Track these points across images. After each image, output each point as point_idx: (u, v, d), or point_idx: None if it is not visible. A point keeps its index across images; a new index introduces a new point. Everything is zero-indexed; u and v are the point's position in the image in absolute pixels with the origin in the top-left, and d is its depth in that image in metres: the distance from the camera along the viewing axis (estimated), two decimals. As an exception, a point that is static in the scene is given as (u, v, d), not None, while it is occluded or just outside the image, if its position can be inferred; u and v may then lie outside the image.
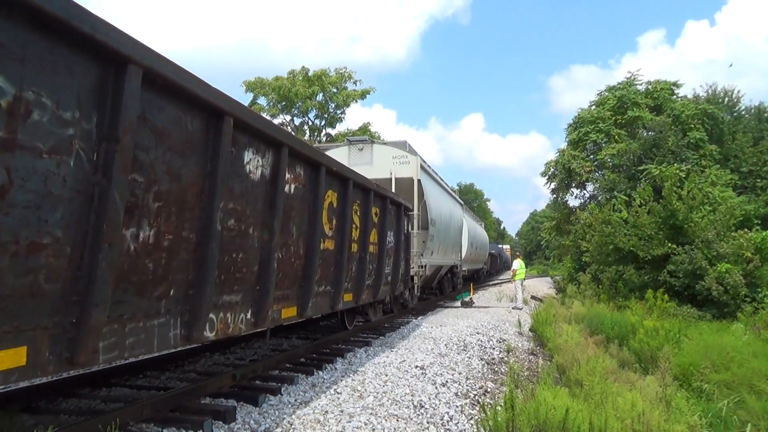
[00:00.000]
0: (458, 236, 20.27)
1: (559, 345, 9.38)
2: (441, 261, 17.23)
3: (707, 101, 31.97)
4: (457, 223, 20.06)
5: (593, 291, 21.28)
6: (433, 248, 15.34)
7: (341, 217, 7.17)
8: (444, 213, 16.96)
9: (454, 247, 19.42)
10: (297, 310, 6.13)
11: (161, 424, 4.52)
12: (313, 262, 6.25)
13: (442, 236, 16.33)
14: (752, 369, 8.43)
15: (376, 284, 9.08)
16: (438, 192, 17.06)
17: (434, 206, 15.31)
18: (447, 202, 18.46)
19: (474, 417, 5.70)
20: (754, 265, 16.97)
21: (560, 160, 32.23)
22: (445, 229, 16.96)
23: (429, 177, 15.97)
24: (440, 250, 16.64)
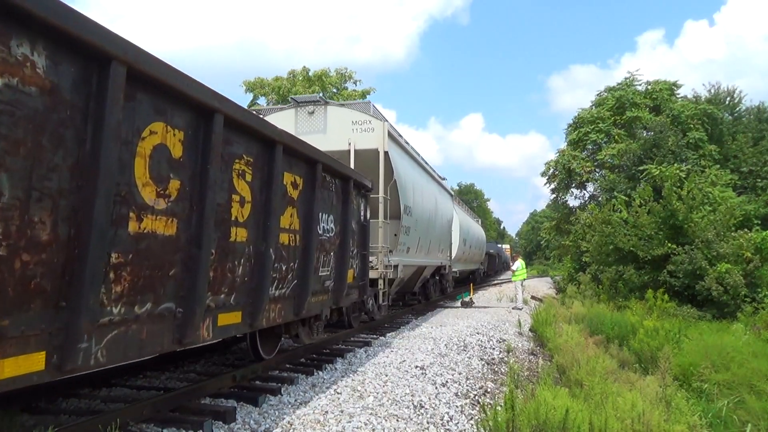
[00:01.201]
0: (446, 231, 17.40)
1: (559, 345, 9.38)
2: (422, 260, 14.34)
3: (709, 101, 32.01)
4: (446, 215, 17.16)
5: (593, 291, 21.29)
6: (409, 244, 12.59)
7: (193, 176, 4.07)
8: (426, 200, 14.06)
9: (440, 244, 16.60)
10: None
11: (161, 424, 4.51)
12: (91, 256, 3.03)
13: (422, 229, 13.66)
14: (752, 369, 8.45)
15: (299, 293, 6.09)
16: (416, 172, 13.67)
17: (410, 189, 12.20)
18: (430, 188, 15.14)
19: (474, 417, 5.70)
20: (754, 265, 16.99)
21: (560, 160, 32.27)
22: (428, 221, 14.22)
23: (402, 151, 12.37)
24: (421, 247, 13.88)
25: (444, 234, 17.02)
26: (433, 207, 14.99)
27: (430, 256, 15.29)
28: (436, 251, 15.91)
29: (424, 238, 13.93)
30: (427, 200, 14.32)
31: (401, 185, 11.64)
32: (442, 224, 16.46)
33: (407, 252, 12.53)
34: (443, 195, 17.51)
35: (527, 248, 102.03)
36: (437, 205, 15.72)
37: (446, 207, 17.49)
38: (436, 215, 15.34)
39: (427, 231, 14.26)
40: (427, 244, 14.46)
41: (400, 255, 11.87)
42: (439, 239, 16.21)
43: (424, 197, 13.96)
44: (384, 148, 10.56)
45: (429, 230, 14.43)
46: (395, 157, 11.31)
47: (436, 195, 15.67)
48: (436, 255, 16.11)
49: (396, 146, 11.81)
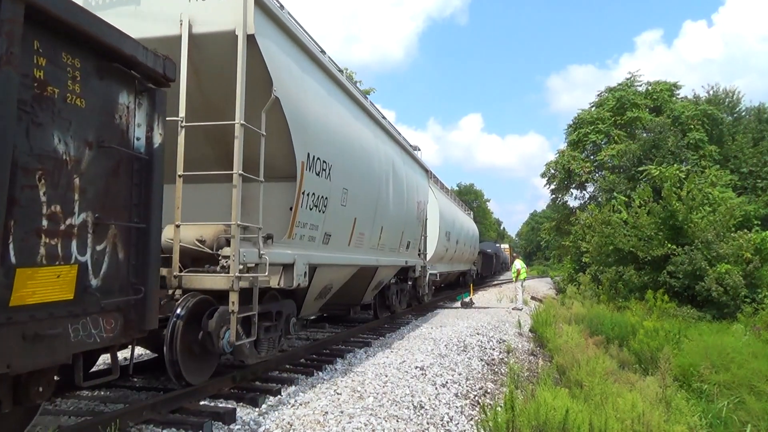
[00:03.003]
0: (414, 218, 12.05)
1: (559, 346, 9.38)
2: (365, 258, 8.87)
3: (708, 102, 32.05)
4: (414, 195, 11.87)
5: (593, 291, 21.30)
6: (329, 228, 7.24)
7: None
8: (370, 160, 8.60)
9: (405, 235, 11.42)
10: None
11: (161, 425, 4.51)
12: None
13: (363, 206, 8.35)
14: (752, 370, 8.45)
15: None
16: (336, 100, 7.49)
17: (321, 125, 6.74)
18: (379, 144, 9.23)
19: (474, 418, 5.70)
20: (754, 265, 17.00)
21: (560, 160, 32.30)
22: (375, 195, 8.92)
23: (295, 46, 6.40)
24: (361, 236, 8.55)
25: (411, 222, 11.73)
26: (387, 176, 9.39)
27: (384, 253, 9.99)
28: (395, 245, 10.72)
29: (366, 222, 8.52)
30: (373, 160, 8.65)
31: (295, 112, 5.99)
32: (407, 207, 11.27)
33: (325, 242, 7.14)
34: (410, 166, 11.80)
35: (527, 249, 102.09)
36: (396, 177, 10.07)
37: (416, 184, 12.15)
38: (392, 190, 9.86)
39: (373, 211, 8.81)
40: (377, 233, 9.18)
41: (303, 247, 6.49)
42: (402, 228, 10.92)
43: (365, 153, 8.25)
44: (247, 28, 5.35)
45: (379, 211, 9.08)
46: (275, 54, 5.79)
47: (393, 159, 9.97)
48: (396, 251, 10.95)
49: (278, 31, 5.98)
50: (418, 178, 12.71)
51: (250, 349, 5.90)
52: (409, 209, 11.67)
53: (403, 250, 11.60)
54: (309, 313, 8.09)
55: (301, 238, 6.51)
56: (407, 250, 12.05)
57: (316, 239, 6.90)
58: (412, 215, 12.02)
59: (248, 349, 5.84)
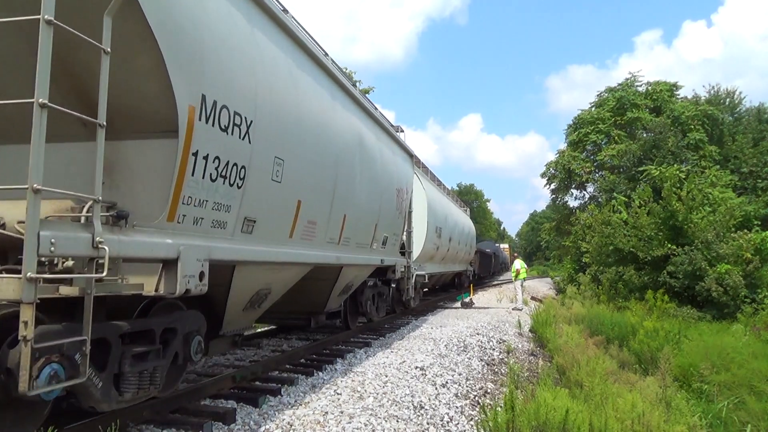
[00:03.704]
0: (393, 207, 9.88)
1: (559, 346, 9.38)
2: (319, 255, 6.78)
3: (709, 102, 32.07)
4: (394, 179, 9.90)
5: (593, 292, 21.30)
6: (250, 209, 5.02)
7: None
8: (324, 121, 6.54)
9: (383, 227, 9.42)
10: None
11: (161, 425, 4.51)
12: None
13: (315, 183, 6.35)
14: (752, 370, 8.45)
15: None
16: (266, 34, 5.14)
17: (237, 58, 4.55)
18: (340, 105, 7.16)
19: (474, 418, 5.70)
20: (754, 266, 17.00)
21: (560, 161, 32.33)
22: (334, 169, 6.84)
23: None
24: (311, 224, 6.44)
25: (388, 213, 9.56)
26: (351, 152, 7.38)
27: (351, 249, 7.91)
28: (366, 240, 8.66)
29: (319, 208, 6.49)
30: (330, 128, 6.64)
31: (172, 26, 3.76)
32: (384, 195, 9.18)
33: (245, 230, 5.03)
34: (388, 146, 9.64)
35: (527, 249, 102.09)
36: (367, 155, 8.11)
37: (396, 169, 10.01)
38: (361, 171, 7.83)
39: (330, 194, 6.75)
40: (337, 223, 7.13)
41: (199, 236, 4.36)
42: (375, 219, 8.87)
43: (315, 116, 6.22)
44: None
45: (340, 195, 7.02)
46: None
47: (361, 132, 7.87)
48: (369, 248, 8.86)
49: None
50: (399, 161, 10.43)
51: (104, 391, 3.71)
52: (387, 197, 9.39)
53: (378, 247, 9.32)
54: (237, 327, 5.78)
55: (195, 222, 4.19)
56: (384, 247, 9.68)
57: (227, 225, 4.55)
58: (391, 205, 9.69)
59: (100, 390, 3.67)
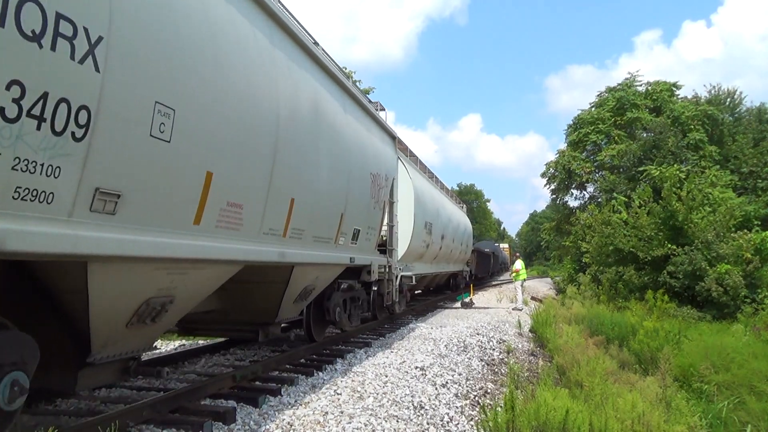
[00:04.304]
0: (366, 195, 8.37)
1: (559, 346, 9.38)
2: (250, 250, 5.06)
3: (709, 102, 32.06)
4: (369, 161, 8.47)
5: (593, 292, 21.30)
6: (108, 176, 3.28)
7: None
8: (251, 65, 4.81)
9: (352, 218, 7.78)
10: None
11: (161, 425, 4.51)
12: None
13: (236, 150, 4.56)
14: (752, 370, 8.45)
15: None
16: None
17: None
18: (281, 53, 5.50)
19: (474, 418, 5.70)
20: (754, 266, 16.99)
21: (560, 161, 32.32)
22: (273, 135, 5.20)
23: None
24: (233, 207, 4.65)
25: (359, 201, 7.99)
26: (300, 117, 5.86)
27: (306, 244, 6.36)
28: (329, 233, 7.07)
29: (245, 185, 4.83)
30: (263, 78, 5.06)
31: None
32: (353, 179, 7.64)
33: (104, 208, 3.30)
34: (360, 120, 8.19)
35: (527, 249, 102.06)
36: (327, 126, 6.65)
37: (372, 149, 8.62)
38: (318, 145, 6.38)
39: (266, 170, 5.20)
40: (281, 209, 5.60)
41: None
42: (341, 208, 7.29)
43: (237, 56, 4.59)
44: None
45: (284, 172, 5.51)
46: None
47: (318, 95, 6.41)
48: (333, 243, 7.28)
49: None
50: (375, 142, 8.82)
51: None
52: (358, 183, 7.76)
53: (346, 242, 7.67)
54: (123, 350, 4.20)
55: None
56: (355, 243, 8.03)
57: (54, 198, 2.95)
58: (363, 192, 8.06)
59: None
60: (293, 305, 7.00)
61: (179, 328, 6.51)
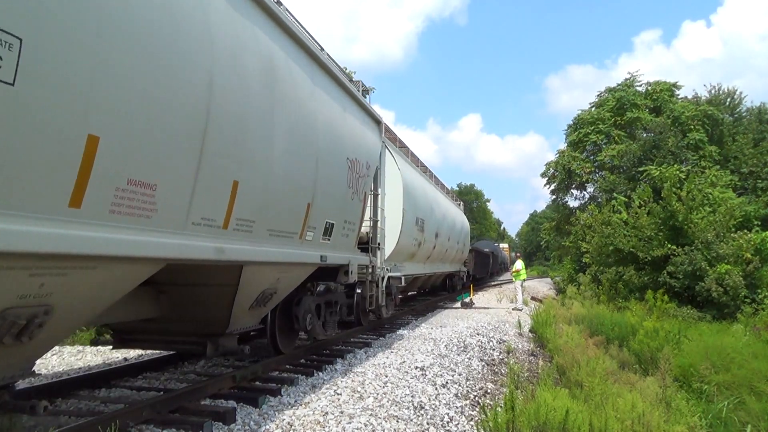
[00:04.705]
0: (343, 183, 7.25)
1: (559, 346, 9.38)
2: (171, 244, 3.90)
3: (709, 102, 32.05)
4: (345, 143, 7.29)
5: (593, 292, 21.30)
6: None
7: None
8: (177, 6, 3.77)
9: (322, 209, 6.51)
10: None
11: (161, 425, 4.51)
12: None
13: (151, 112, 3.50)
14: (752, 370, 8.45)
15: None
16: None
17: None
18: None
19: (474, 418, 5.70)
20: (754, 266, 16.99)
21: (560, 161, 32.31)
22: (205, 98, 4.03)
23: None
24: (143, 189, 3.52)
25: (332, 189, 6.88)
26: (255, 74, 4.83)
27: (260, 239, 5.19)
28: (291, 227, 5.93)
29: (160, 161, 3.68)
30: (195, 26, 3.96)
31: None
32: (324, 163, 6.48)
33: None
34: (334, 96, 7.04)
35: (527, 249, 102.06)
36: (287, 99, 5.53)
37: (348, 131, 7.46)
38: (274, 120, 5.22)
39: (197, 141, 4.01)
40: (221, 194, 4.43)
41: None
42: (307, 197, 6.14)
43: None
44: None
45: (220, 148, 4.29)
46: None
47: (271, 52, 5.22)
48: (297, 238, 6.10)
49: None
50: (355, 124, 7.69)
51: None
52: (330, 169, 6.58)
53: (315, 238, 6.44)
54: None
55: None
56: (327, 239, 6.84)
57: None
58: (337, 180, 6.94)
59: None
60: (249, 312, 5.84)
61: (115, 340, 5.71)
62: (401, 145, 14.37)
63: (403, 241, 12.20)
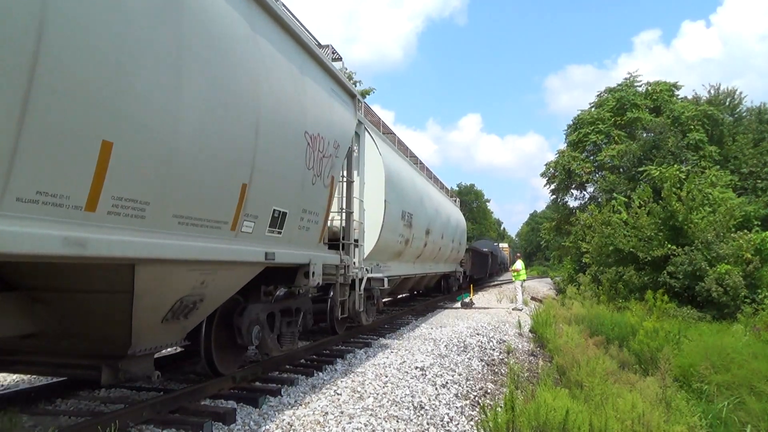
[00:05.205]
0: (301, 161, 5.85)
1: (559, 346, 9.38)
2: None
3: (709, 102, 32.06)
4: (308, 117, 5.91)
5: (593, 292, 21.30)
6: None
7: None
8: None
9: (267, 191, 5.16)
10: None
11: (161, 425, 4.52)
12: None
13: None
14: (752, 370, 8.45)
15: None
16: None
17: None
18: None
19: (474, 418, 5.70)
20: (754, 266, 17.00)
21: (560, 161, 32.33)
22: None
23: None
24: None
25: (284, 165, 5.53)
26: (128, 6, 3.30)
27: (148, 227, 3.67)
28: (218, 211, 4.47)
29: None
30: None
31: None
32: (255, 122, 4.82)
33: None
34: (276, 43, 5.35)
35: (527, 249, 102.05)
36: (196, 21, 3.98)
37: (302, 94, 5.87)
38: (176, 46, 3.75)
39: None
40: (69, 152, 3.02)
41: None
42: (243, 171, 4.71)
43: None
44: None
45: (61, 71, 2.86)
46: None
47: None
48: (229, 228, 4.68)
49: None
50: (316, 91, 6.30)
51: None
52: (277, 140, 5.24)
53: (257, 230, 5.17)
54: None
55: None
56: (277, 231, 5.57)
57: None
58: (290, 158, 5.61)
59: None
60: (164, 327, 4.48)
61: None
62: (387, 131, 12.85)
63: (385, 238, 10.59)
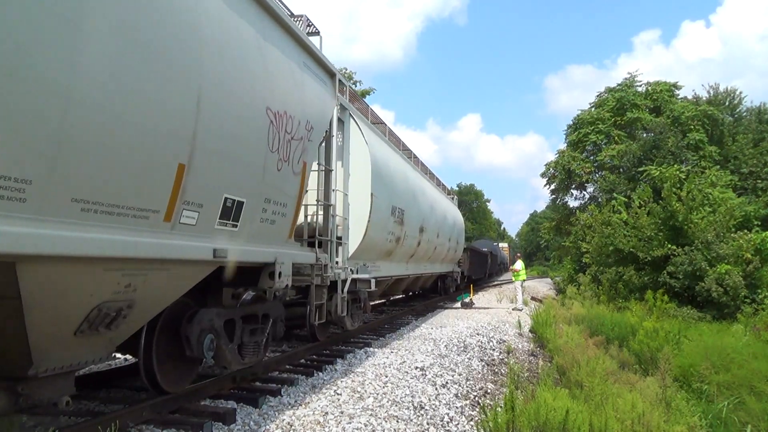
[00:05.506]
0: (263, 143, 4.96)
1: (559, 346, 9.38)
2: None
3: (709, 102, 32.07)
4: (276, 93, 5.17)
5: (593, 292, 21.31)
6: None
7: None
8: None
9: (216, 176, 4.29)
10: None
11: (161, 425, 4.51)
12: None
13: None
14: (752, 370, 8.45)
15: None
16: None
17: None
18: None
19: (474, 418, 5.70)
20: (754, 266, 17.00)
21: (560, 161, 32.34)
22: None
23: None
24: None
25: (239, 146, 4.58)
26: None
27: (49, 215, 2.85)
28: (143, 198, 3.58)
29: None
30: None
31: None
32: (198, 90, 3.91)
33: None
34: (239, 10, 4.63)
35: (527, 249, 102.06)
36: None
37: (262, 65, 4.97)
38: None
39: None
40: None
41: None
42: (180, 149, 3.81)
43: None
44: None
45: None
46: None
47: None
48: (165, 219, 3.81)
49: None
50: (286, 63, 5.62)
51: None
52: (227, 113, 4.35)
53: (204, 222, 4.30)
54: None
55: None
56: (231, 224, 4.69)
57: None
58: (248, 136, 4.73)
59: None
60: (78, 340, 3.61)
61: None
62: (376, 120, 11.88)
63: (372, 235, 9.53)
